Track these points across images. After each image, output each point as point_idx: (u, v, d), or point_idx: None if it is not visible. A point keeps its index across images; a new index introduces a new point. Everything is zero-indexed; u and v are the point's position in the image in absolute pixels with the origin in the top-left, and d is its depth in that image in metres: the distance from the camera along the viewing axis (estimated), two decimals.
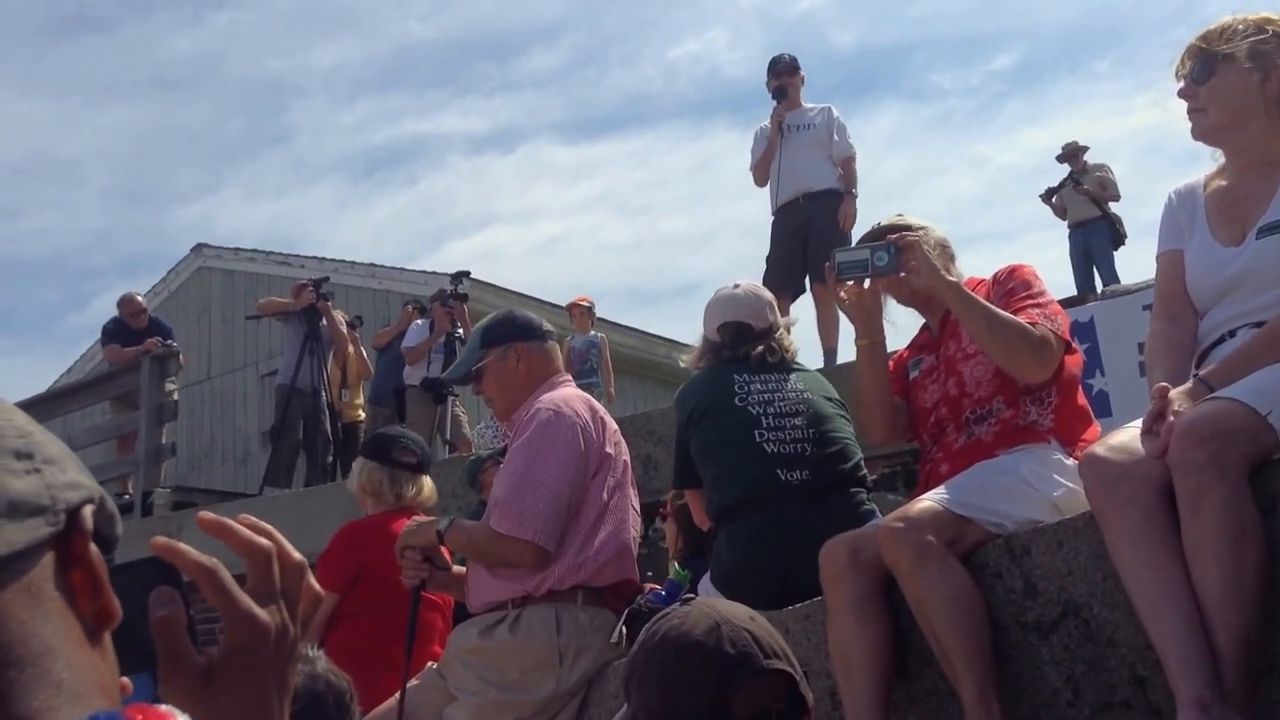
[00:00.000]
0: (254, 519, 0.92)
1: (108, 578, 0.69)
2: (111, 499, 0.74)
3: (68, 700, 0.60)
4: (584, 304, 9.50)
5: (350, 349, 9.44)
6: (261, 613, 0.86)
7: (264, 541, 0.89)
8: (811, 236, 6.74)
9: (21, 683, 0.58)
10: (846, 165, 7.08)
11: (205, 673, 0.81)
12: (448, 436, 8.67)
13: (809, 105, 7.25)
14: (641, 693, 1.73)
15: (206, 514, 0.92)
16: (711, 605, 1.79)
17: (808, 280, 6.95)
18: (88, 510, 0.66)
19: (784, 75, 7.17)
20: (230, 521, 0.89)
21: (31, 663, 0.59)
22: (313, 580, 0.94)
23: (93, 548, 0.67)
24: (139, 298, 9.69)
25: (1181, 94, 2.48)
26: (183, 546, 0.85)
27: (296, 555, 0.92)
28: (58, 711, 0.59)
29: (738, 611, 1.78)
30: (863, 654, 2.51)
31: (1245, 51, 2.38)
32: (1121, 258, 10.40)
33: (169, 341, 9.27)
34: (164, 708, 0.61)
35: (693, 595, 3.18)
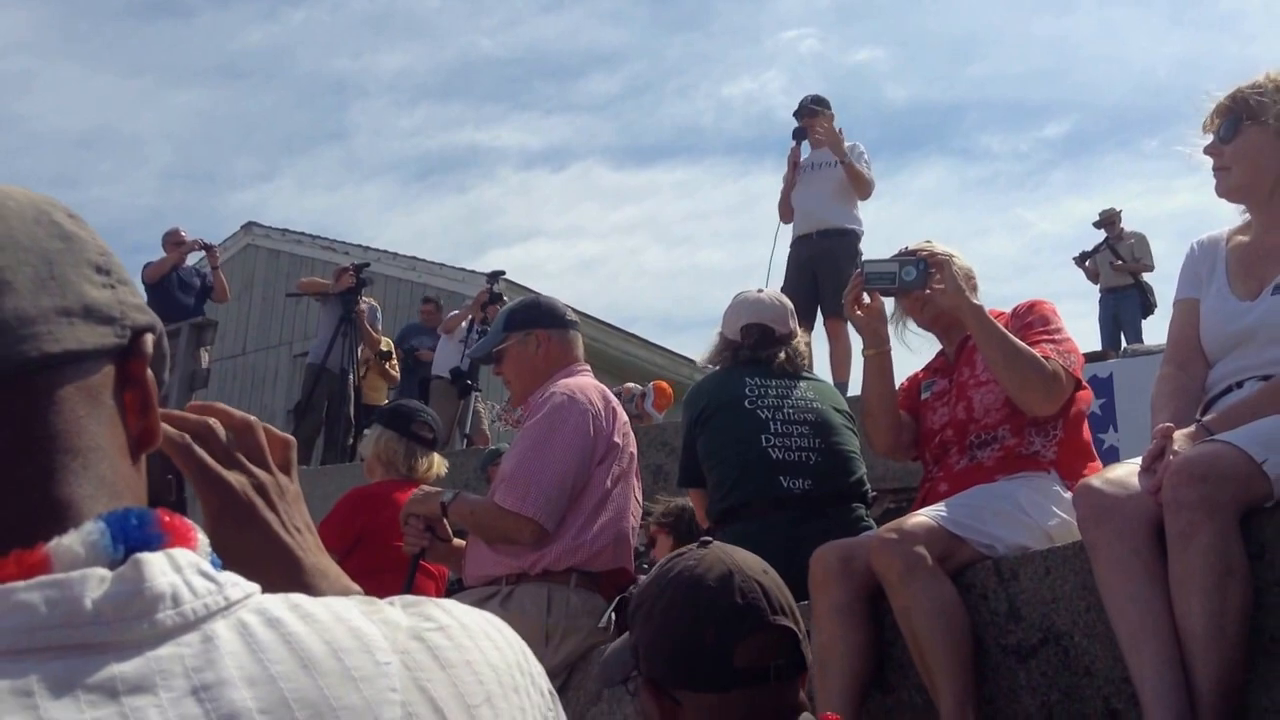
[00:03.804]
0: (200, 403, 1.01)
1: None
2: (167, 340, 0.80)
3: (107, 495, 0.65)
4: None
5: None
6: (228, 474, 0.97)
7: (205, 419, 0.99)
8: (821, 271, 6.84)
9: (71, 469, 0.64)
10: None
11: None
12: (466, 430, 8.87)
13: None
14: (646, 627, 1.74)
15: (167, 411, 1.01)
16: (727, 552, 1.78)
17: (820, 314, 7.01)
18: (149, 337, 0.72)
19: (804, 117, 7.31)
20: (175, 412, 0.98)
21: (83, 454, 0.65)
22: (273, 429, 1.04)
23: (148, 372, 0.72)
24: (183, 231, 9.63)
25: (1207, 151, 2.52)
26: (176, 414, 0.97)
27: (240, 414, 1.02)
28: (97, 502, 0.64)
29: (751, 562, 1.77)
30: (841, 657, 2.55)
31: (1272, 112, 2.41)
32: (1149, 326, 10.45)
33: (210, 244, 9.57)
34: (188, 520, 0.67)
35: None
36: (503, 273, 9.66)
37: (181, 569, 0.61)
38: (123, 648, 0.57)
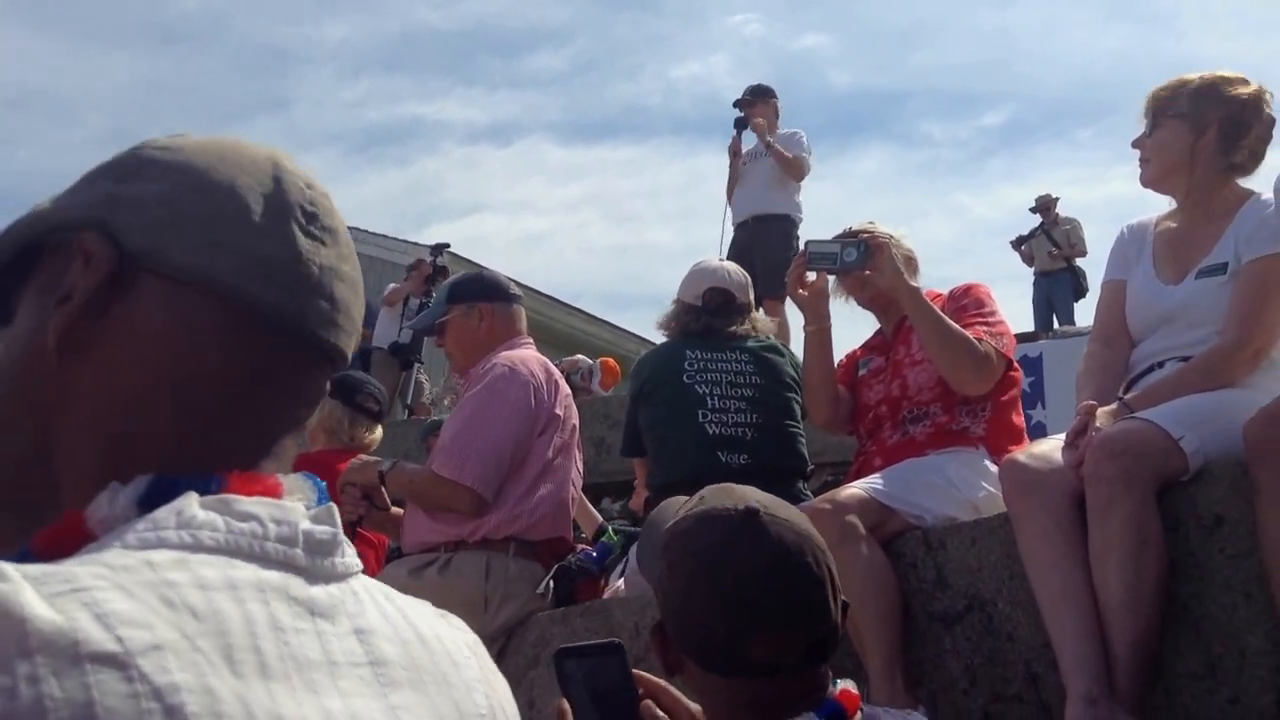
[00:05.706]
0: None
1: None
2: None
3: (290, 465, 0.77)
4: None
5: None
6: None
7: None
8: (757, 256, 6.93)
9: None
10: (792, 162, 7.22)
11: None
12: (408, 401, 8.95)
13: (780, 131, 7.43)
14: (664, 584, 1.63)
15: None
16: (772, 528, 1.58)
17: (760, 294, 7.10)
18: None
19: (744, 106, 7.43)
20: None
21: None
22: None
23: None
24: None
25: (1133, 144, 2.66)
26: None
27: None
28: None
29: (796, 542, 1.58)
30: None
31: (1186, 108, 2.55)
32: (1080, 308, 10.76)
33: None
34: None
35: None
36: (447, 245, 9.59)
37: (341, 528, 0.72)
38: (312, 575, 0.67)
